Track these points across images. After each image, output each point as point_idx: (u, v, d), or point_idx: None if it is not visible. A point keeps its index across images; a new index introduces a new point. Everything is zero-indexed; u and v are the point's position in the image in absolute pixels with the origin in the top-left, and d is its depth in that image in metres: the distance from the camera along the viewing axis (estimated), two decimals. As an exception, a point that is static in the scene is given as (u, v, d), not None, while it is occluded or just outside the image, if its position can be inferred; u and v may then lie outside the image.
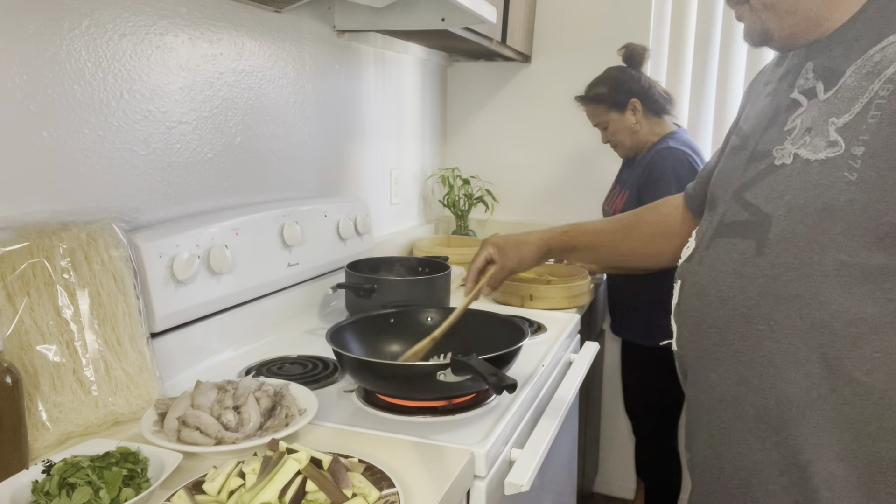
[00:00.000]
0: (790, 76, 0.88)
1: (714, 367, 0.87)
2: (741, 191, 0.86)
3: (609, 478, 2.63)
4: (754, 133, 0.90)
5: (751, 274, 0.82)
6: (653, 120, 1.96)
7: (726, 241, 0.86)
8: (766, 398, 0.81)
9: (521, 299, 1.77)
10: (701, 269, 0.90)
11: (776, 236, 0.79)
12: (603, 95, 1.97)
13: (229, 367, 1.30)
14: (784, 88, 0.88)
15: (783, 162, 0.81)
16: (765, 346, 0.80)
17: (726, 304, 0.84)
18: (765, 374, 0.80)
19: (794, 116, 0.83)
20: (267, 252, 1.45)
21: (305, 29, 1.69)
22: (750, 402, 0.82)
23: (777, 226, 0.79)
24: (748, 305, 0.82)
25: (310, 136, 1.75)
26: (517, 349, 1.12)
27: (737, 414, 0.84)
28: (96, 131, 1.15)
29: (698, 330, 0.89)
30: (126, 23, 1.18)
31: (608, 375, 2.52)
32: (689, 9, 2.35)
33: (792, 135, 0.82)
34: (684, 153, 1.86)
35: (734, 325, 0.83)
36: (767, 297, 0.80)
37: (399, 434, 1.01)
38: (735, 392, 0.84)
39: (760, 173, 0.84)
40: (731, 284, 0.84)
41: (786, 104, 0.86)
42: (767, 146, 0.85)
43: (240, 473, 0.80)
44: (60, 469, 0.80)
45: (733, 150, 0.94)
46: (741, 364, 0.83)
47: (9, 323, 0.93)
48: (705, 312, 0.88)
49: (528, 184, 2.62)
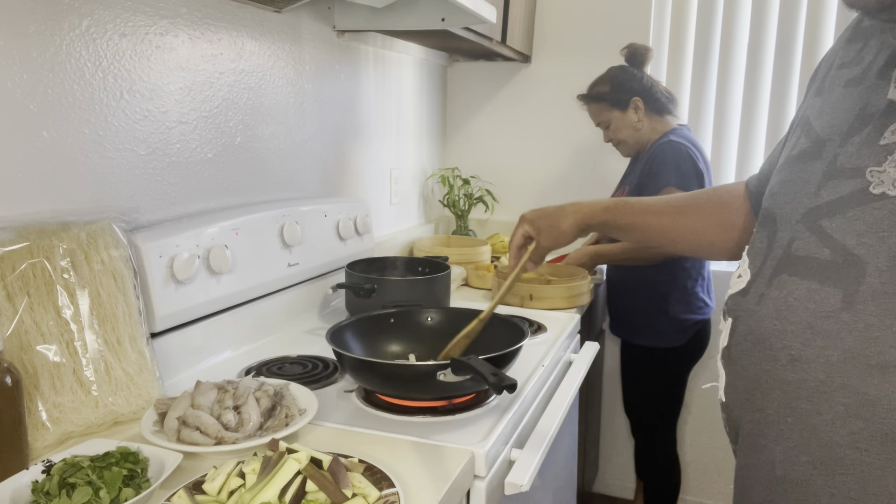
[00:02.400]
0: (879, 63, 0.69)
1: (777, 438, 0.72)
2: (816, 216, 0.69)
3: (609, 478, 2.63)
4: (832, 137, 0.71)
5: (835, 333, 0.65)
6: (655, 118, 1.97)
7: (798, 283, 0.69)
8: (846, 488, 0.66)
9: (521, 299, 1.77)
10: (761, 312, 0.73)
11: (872, 289, 0.63)
12: (605, 94, 1.97)
13: (229, 367, 1.30)
14: (872, 81, 0.69)
15: (884, 191, 0.63)
16: (850, 427, 0.65)
17: (797, 366, 0.68)
18: (848, 463, 0.65)
19: (894, 127, 0.65)
20: (267, 252, 1.45)
21: (305, 29, 1.69)
22: (826, 490, 0.67)
23: (874, 276, 0.63)
24: (829, 373, 0.66)
25: (310, 136, 1.75)
26: (517, 349, 1.12)
27: (803, 500, 0.70)
28: (96, 131, 1.15)
29: (756, 387, 0.74)
30: (126, 23, 1.18)
31: (608, 375, 2.52)
32: (689, 9, 2.35)
33: (894, 154, 0.64)
34: (685, 146, 1.87)
35: (807, 394, 0.68)
36: (855, 365, 0.64)
37: (399, 434, 1.01)
38: (805, 474, 0.69)
39: (847, 199, 0.66)
40: (805, 342, 0.68)
41: (880, 105, 0.67)
42: (856, 162, 0.67)
43: (240, 473, 0.80)
44: (60, 469, 0.80)
45: (802, 155, 0.74)
46: (815, 442, 0.68)
47: (9, 323, 0.93)
48: (767, 370, 0.72)
49: (528, 184, 2.62)
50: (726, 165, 2.38)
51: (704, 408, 2.43)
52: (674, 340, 1.95)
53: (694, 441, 2.47)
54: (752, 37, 2.30)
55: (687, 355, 2.00)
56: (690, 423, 2.46)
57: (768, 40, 2.28)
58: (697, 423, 2.45)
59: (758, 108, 2.32)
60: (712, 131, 2.39)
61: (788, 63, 2.26)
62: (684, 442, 2.47)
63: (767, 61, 2.29)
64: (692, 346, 1.97)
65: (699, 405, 2.44)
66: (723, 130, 2.38)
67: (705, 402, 2.42)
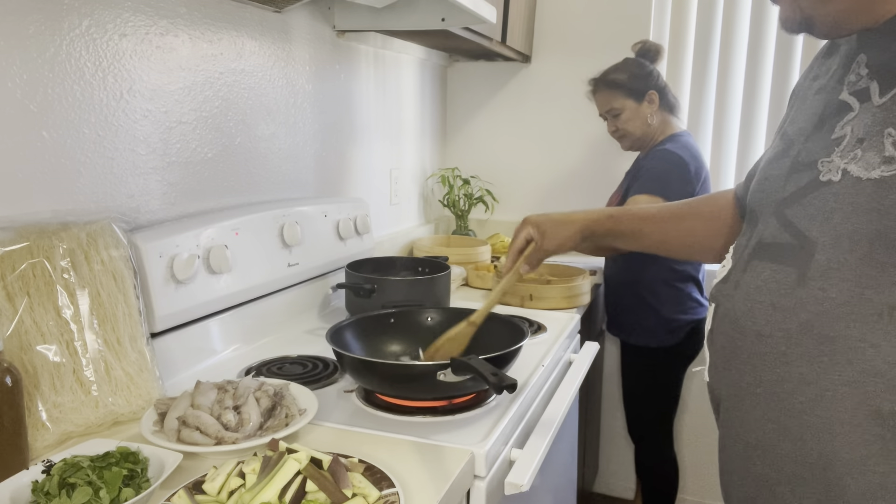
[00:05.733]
0: (839, 71, 0.77)
1: (748, 408, 0.78)
2: (782, 206, 0.77)
3: (609, 478, 2.63)
4: (798, 138, 0.79)
5: (791, 307, 0.72)
6: (665, 116, 1.96)
7: (764, 266, 0.77)
8: (806, 451, 0.71)
9: (521, 299, 1.77)
10: (736, 295, 0.81)
11: (820, 266, 0.70)
12: (622, 81, 1.94)
13: (229, 367, 1.30)
14: (833, 86, 0.77)
15: (830, 178, 0.71)
16: (806, 391, 0.71)
17: (763, 339, 0.75)
18: (805, 424, 0.71)
19: (843, 122, 0.72)
20: (267, 252, 1.45)
21: (305, 29, 1.69)
22: (787, 454, 0.73)
23: (822, 254, 0.70)
24: (787, 344, 0.72)
25: (310, 136, 1.75)
26: (517, 349, 1.12)
27: (772, 464, 0.76)
28: (96, 131, 1.15)
29: (731, 365, 0.81)
30: (126, 23, 1.18)
31: (608, 375, 2.52)
32: (689, 9, 2.35)
33: (841, 145, 0.71)
34: (678, 157, 1.85)
35: (771, 365, 0.74)
36: (810, 337, 0.70)
37: (399, 434, 1.01)
38: (771, 439, 0.75)
39: (803, 189, 0.74)
40: (768, 318, 0.74)
41: (834, 106, 0.75)
42: (812, 156, 0.75)
43: (240, 473, 0.80)
44: (60, 469, 0.80)
45: (776, 155, 0.83)
46: (779, 409, 0.74)
47: (9, 323, 0.93)
48: (739, 346, 0.79)
49: (528, 184, 2.62)
50: (726, 167, 2.38)
51: (703, 408, 2.43)
52: (667, 340, 1.95)
53: (693, 441, 2.47)
54: (752, 37, 2.30)
55: (681, 355, 2.00)
56: (689, 424, 2.46)
57: (768, 40, 2.28)
58: (696, 423, 2.45)
59: (758, 108, 2.32)
60: (712, 133, 2.39)
61: (788, 63, 2.26)
62: (683, 442, 2.47)
63: (767, 61, 2.29)
64: (686, 345, 1.97)
65: (698, 405, 2.44)
66: (722, 132, 2.38)
67: (704, 402, 2.42)
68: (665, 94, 1.96)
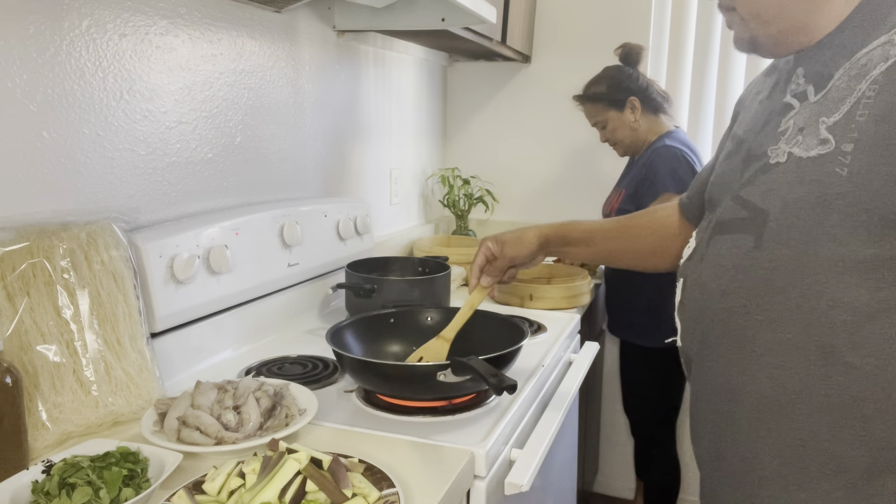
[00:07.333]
0: (782, 83, 0.92)
1: (716, 358, 0.89)
2: (737, 190, 0.90)
3: (609, 478, 2.63)
4: (748, 136, 0.93)
5: (749, 267, 0.84)
6: (651, 118, 1.97)
7: (725, 238, 0.89)
8: (763, 386, 0.83)
9: (521, 299, 1.77)
10: (702, 266, 0.93)
11: (773, 230, 0.82)
12: (601, 94, 1.97)
13: (229, 367, 1.30)
14: (777, 94, 0.92)
15: (777, 160, 0.84)
16: (764, 336, 0.83)
17: (727, 296, 0.87)
18: (763, 363, 0.83)
19: (787, 118, 0.86)
20: (267, 252, 1.45)
21: (305, 29, 1.69)
22: (748, 391, 0.85)
23: (773, 220, 0.82)
24: (748, 297, 0.84)
25: (310, 136, 1.75)
26: (517, 349, 1.12)
27: (737, 403, 0.87)
28: (96, 131, 1.15)
29: (700, 323, 0.92)
30: (126, 23, 1.18)
31: (608, 375, 2.52)
32: (689, 9, 2.35)
33: (786, 135, 0.85)
34: (681, 151, 1.87)
35: (735, 318, 0.86)
36: (766, 289, 0.82)
37: (399, 434, 1.01)
38: (736, 382, 0.86)
39: (756, 172, 0.87)
40: (731, 278, 0.87)
41: (779, 107, 0.89)
42: (762, 147, 0.88)
43: (240, 473, 0.80)
44: (60, 469, 0.80)
45: (729, 154, 0.97)
46: (742, 354, 0.85)
47: (9, 323, 0.93)
48: (707, 305, 0.91)
49: (527, 184, 2.62)
50: (726, 165, 2.38)
51: (704, 408, 2.43)
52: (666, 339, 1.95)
53: (694, 441, 2.47)
54: (752, 37, 2.29)
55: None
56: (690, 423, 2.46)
57: (768, 40, 2.28)
58: (697, 423, 2.45)
59: (758, 108, 2.32)
60: (712, 132, 2.39)
61: (788, 63, 2.25)
62: (684, 442, 2.47)
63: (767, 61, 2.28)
64: None
65: (699, 405, 2.43)
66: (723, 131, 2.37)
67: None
68: (648, 95, 1.95)
